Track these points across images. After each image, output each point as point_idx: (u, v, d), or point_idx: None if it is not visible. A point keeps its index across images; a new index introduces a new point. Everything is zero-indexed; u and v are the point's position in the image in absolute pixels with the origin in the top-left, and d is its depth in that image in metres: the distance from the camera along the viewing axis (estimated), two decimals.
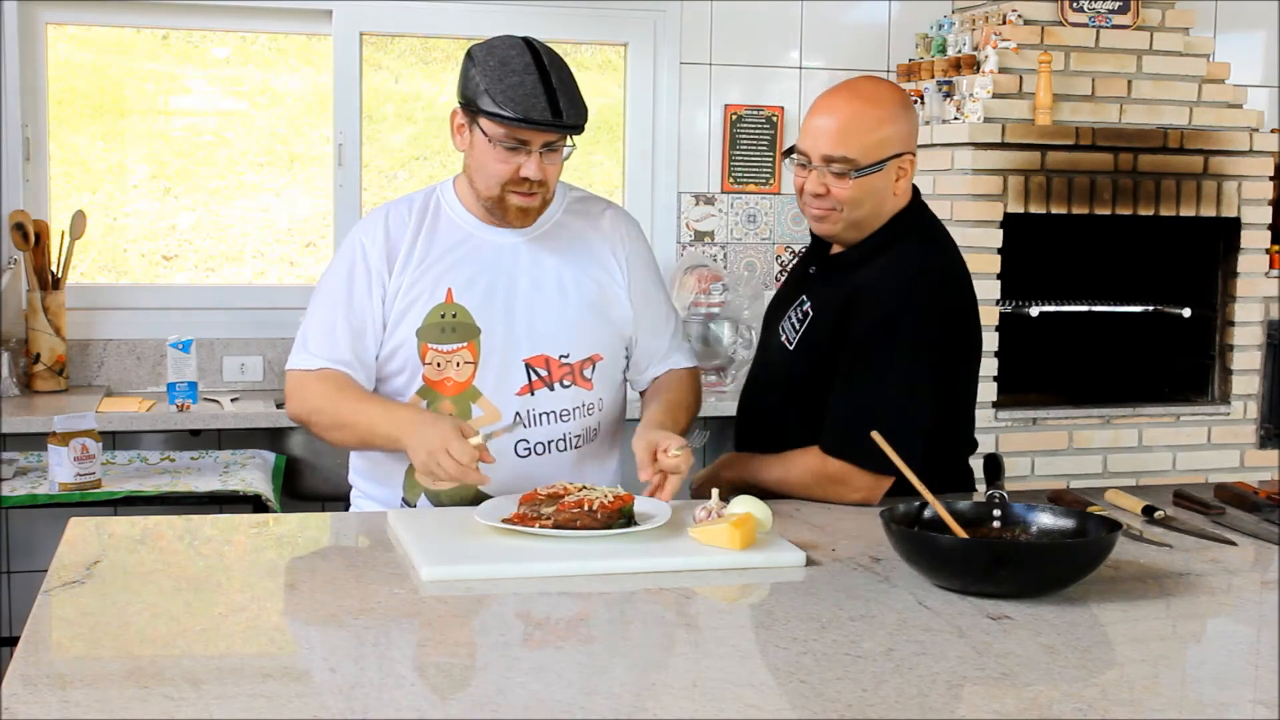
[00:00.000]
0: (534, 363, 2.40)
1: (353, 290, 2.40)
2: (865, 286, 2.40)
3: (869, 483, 2.36)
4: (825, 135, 2.41)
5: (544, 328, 2.40)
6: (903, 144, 2.43)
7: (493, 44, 2.37)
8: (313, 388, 2.39)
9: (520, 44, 2.35)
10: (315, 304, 2.45)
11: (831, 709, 1.46)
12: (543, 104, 2.26)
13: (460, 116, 2.37)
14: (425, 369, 2.38)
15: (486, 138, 2.30)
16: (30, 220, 3.94)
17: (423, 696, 1.49)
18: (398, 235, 2.41)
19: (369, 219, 2.47)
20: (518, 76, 2.28)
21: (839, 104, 2.44)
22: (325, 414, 2.38)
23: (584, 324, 2.43)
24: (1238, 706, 1.51)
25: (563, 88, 2.30)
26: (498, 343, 2.38)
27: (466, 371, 2.38)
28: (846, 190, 2.40)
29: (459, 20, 4.34)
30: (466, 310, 2.38)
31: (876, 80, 2.53)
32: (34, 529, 3.96)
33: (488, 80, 2.28)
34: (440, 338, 2.37)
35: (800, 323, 2.49)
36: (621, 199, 4.56)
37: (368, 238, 2.42)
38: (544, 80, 2.28)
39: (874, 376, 2.36)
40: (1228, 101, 4.35)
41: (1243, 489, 2.47)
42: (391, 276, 2.39)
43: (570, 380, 2.42)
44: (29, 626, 1.69)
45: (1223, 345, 4.40)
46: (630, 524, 2.10)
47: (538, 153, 2.31)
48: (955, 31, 4.46)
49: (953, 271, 2.49)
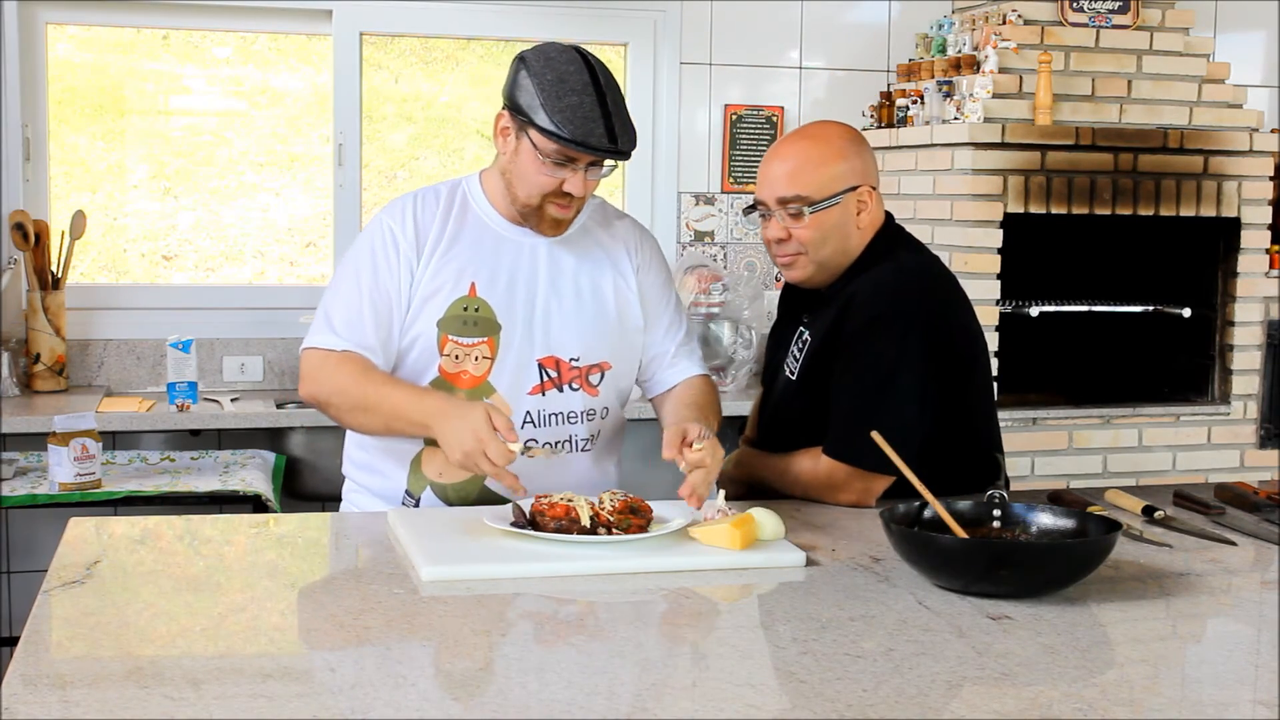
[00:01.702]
0: (546, 363, 2.41)
1: (379, 274, 2.38)
2: (852, 295, 2.41)
3: (861, 485, 2.36)
4: (777, 179, 2.44)
5: (558, 329, 2.41)
6: (858, 177, 2.44)
7: (549, 55, 2.33)
8: (335, 369, 2.36)
9: (577, 58, 2.32)
10: (339, 285, 2.42)
11: (831, 709, 1.46)
12: (600, 129, 2.26)
13: (508, 121, 2.35)
14: (443, 360, 2.38)
15: (535, 149, 2.30)
16: (30, 220, 3.95)
17: (423, 696, 1.49)
18: (425, 223, 2.41)
19: (395, 206, 2.45)
20: (576, 96, 2.26)
21: (787, 148, 2.48)
22: (349, 396, 2.35)
23: (597, 329, 2.44)
24: (1238, 706, 1.51)
25: (617, 111, 2.30)
26: (515, 341, 2.39)
27: (484, 366, 2.38)
28: (806, 230, 2.42)
29: (459, 20, 4.34)
30: (489, 305, 2.39)
31: (823, 122, 2.58)
32: (34, 529, 3.96)
33: (545, 95, 2.26)
34: (462, 330, 2.38)
35: (801, 352, 2.50)
36: (621, 199, 4.56)
37: (395, 223, 2.41)
38: (601, 102, 2.27)
39: (862, 377, 2.36)
40: (1228, 101, 4.35)
41: (1243, 489, 2.47)
42: (419, 262, 2.39)
43: (578, 384, 2.43)
44: (29, 626, 1.69)
45: (1223, 345, 4.40)
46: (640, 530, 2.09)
47: (583, 170, 2.31)
48: (955, 31, 4.46)
49: (935, 269, 2.51)
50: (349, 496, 2.55)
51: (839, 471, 2.36)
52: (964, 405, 2.45)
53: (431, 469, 2.41)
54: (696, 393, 2.51)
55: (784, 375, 2.55)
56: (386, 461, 2.45)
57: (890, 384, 2.34)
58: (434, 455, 2.39)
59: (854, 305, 2.39)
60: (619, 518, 2.07)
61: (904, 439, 2.17)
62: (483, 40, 4.40)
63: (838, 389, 2.39)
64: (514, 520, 2.09)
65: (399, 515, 2.22)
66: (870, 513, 2.30)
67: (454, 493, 2.40)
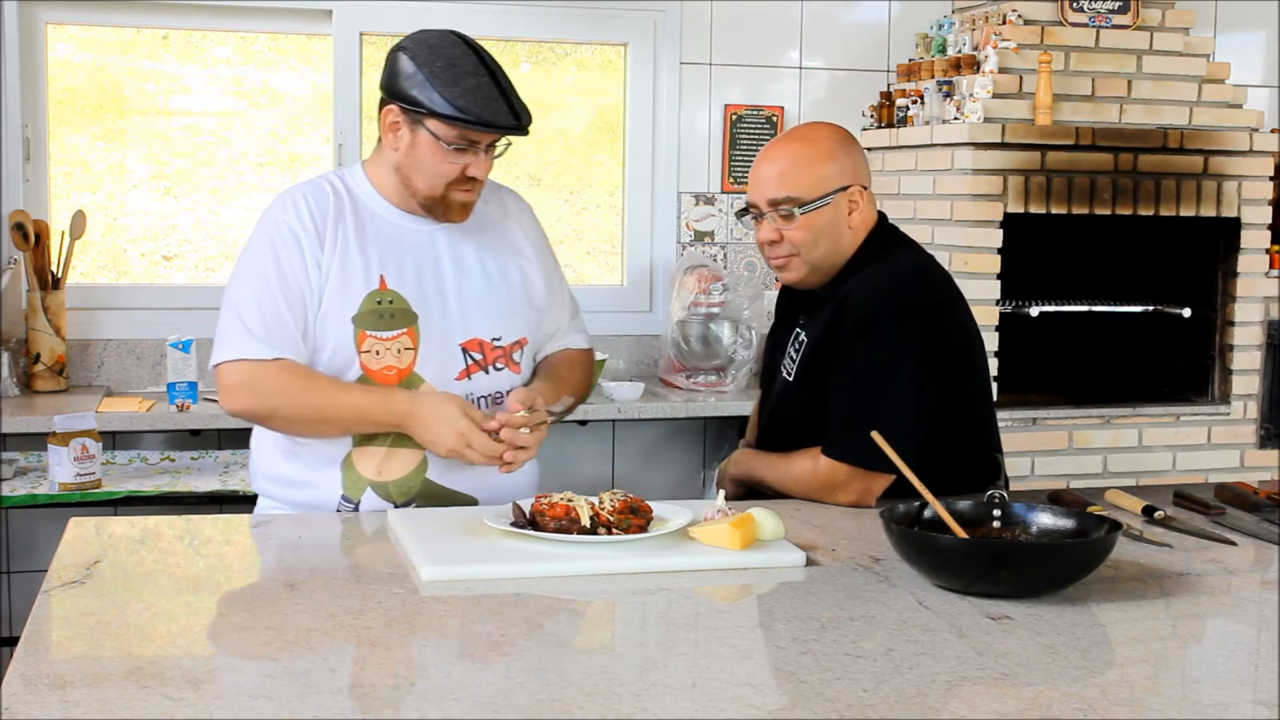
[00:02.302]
0: (469, 346, 2.39)
1: (285, 271, 2.31)
2: (847, 294, 2.42)
3: (861, 484, 2.36)
4: (767, 181, 2.46)
5: (475, 312, 2.40)
6: (848, 177, 2.45)
7: (430, 42, 2.31)
8: (274, 379, 2.29)
9: (459, 41, 2.32)
10: (245, 289, 2.33)
11: (831, 709, 1.46)
12: (503, 107, 2.27)
13: (397, 115, 2.32)
14: (363, 357, 2.33)
15: (436, 139, 2.28)
16: (30, 220, 3.94)
17: (423, 696, 1.49)
18: (320, 215, 2.35)
19: (284, 200, 2.37)
20: (472, 79, 2.26)
21: (776, 150, 2.50)
22: (293, 407, 2.29)
23: (511, 307, 2.45)
24: (1238, 706, 1.51)
25: (510, 89, 2.31)
26: (435, 328, 2.37)
27: (407, 358, 2.35)
28: (797, 231, 2.43)
29: (458, 20, 4.30)
30: (401, 296, 2.36)
31: (814, 124, 2.59)
32: (34, 529, 3.96)
33: (439, 83, 2.25)
34: (379, 324, 2.34)
35: (798, 353, 2.50)
36: (621, 199, 4.56)
37: (290, 217, 2.34)
38: (496, 81, 2.29)
39: (860, 377, 2.36)
40: (1228, 101, 4.35)
41: (1243, 489, 2.47)
42: (323, 254, 2.33)
43: (503, 364, 2.43)
44: (29, 626, 1.69)
45: (1223, 345, 4.40)
46: (640, 530, 2.09)
47: (483, 152, 2.31)
48: (955, 31, 4.46)
49: (929, 268, 2.51)
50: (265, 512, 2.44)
51: (839, 471, 2.36)
52: (962, 403, 2.45)
53: (368, 468, 2.36)
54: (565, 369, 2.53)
55: (781, 377, 2.55)
56: (315, 471, 2.37)
57: (887, 383, 2.34)
58: (367, 454, 2.35)
59: (849, 305, 2.40)
60: (619, 518, 2.07)
61: (902, 438, 2.17)
62: (483, 40, 4.39)
63: (835, 389, 2.39)
64: (514, 520, 2.09)
65: (399, 515, 2.22)
66: (870, 513, 2.30)
67: (396, 489, 2.37)
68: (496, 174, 2.46)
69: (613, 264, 4.61)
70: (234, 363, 2.32)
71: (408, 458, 2.36)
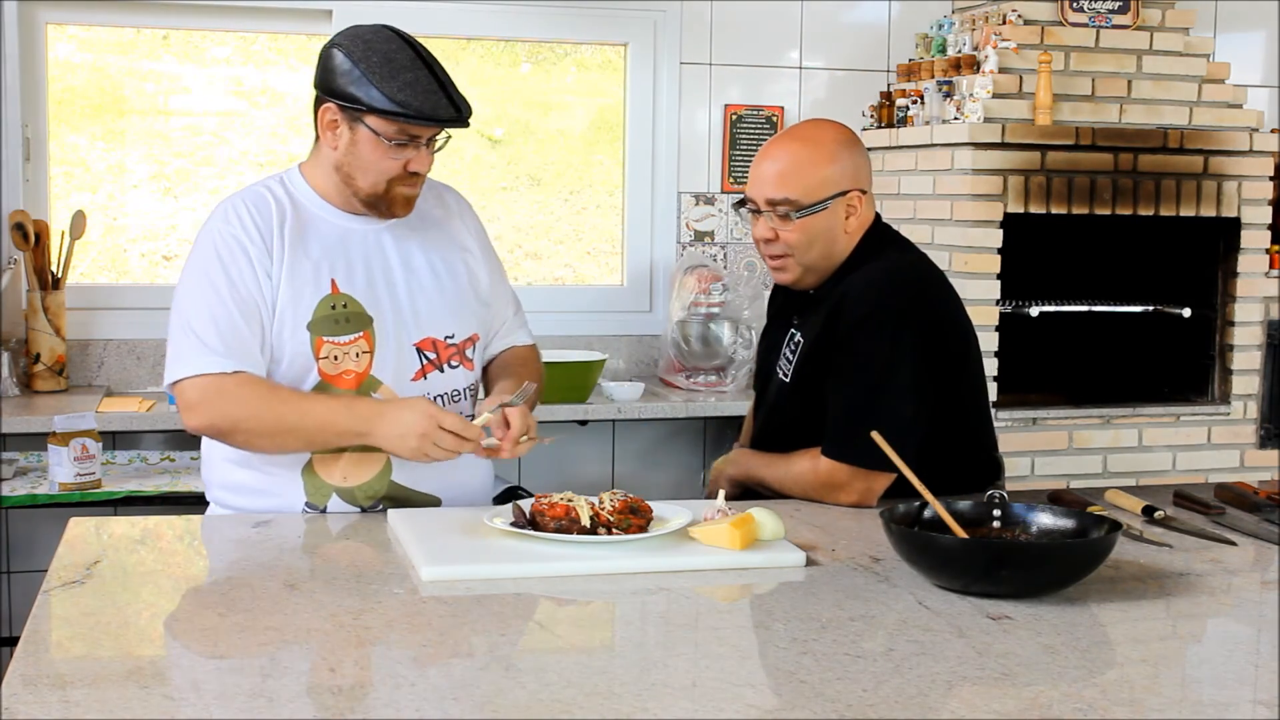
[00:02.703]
0: (423, 346, 2.39)
1: (236, 282, 2.28)
2: (843, 294, 2.42)
3: (862, 484, 2.36)
4: (767, 180, 2.44)
5: (427, 310, 2.40)
6: (848, 182, 2.45)
7: (365, 38, 2.29)
8: (235, 393, 2.25)
9: (395, 36, 2.30)
10: (196, 303, 2.29)
11: (831, 709, 1.46)
12: (443, 100, 2.25)
13: (335, 113, 2.29)
14: (321, 363, 2.32)
15: (376, 135, 2.27)
16: (30, 220, 3.94)
17: (423, 697, 1.49)
18: (265, 223, 2.32)
19: (225, 210, 2.34)
20: (410, 73, 2.25)
21: (778, 148, 2.48)
22: (260, 420, 2.24)
23: (461, 304, 2.44)
24: (1238, 706, 1.51)
25: (448, 81, 2.30)
26: (389, 329, 2.36)
27: (364, 361, 2.34)
28: (793, 233, 2.43)
29: (459, 20, 4.34)
30: (355, 300, 2.34)
31: (819, 122, 2.56)
32: (34, 529, 3.96)
33: (377, 77, 2.23)
34: (335, 329, 2.32)
35: (793, 354, 2.50)
36: (621, 199, 4.56)
37: (234, 227, 2.30)
38: (434, 75, 2.27)
39: (856, 377, 2.36)
40: (1228, 101, 4.35)
41: (1243, 489, 2.47)
42: (271, 263, 2.30)
43: (457, 361, 2.43)
44: (29, 626, 1.69)
45: (1223, 345, 4.40)
46: (640, 530, 2.09)
47: (424, 146, 2.30)
48: (955, 31, 4.46)
49: (925, 268, 2.52)
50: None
51: (839, 472, 2.36)
52: (958, 401, 2.45)
53: (333, 474, 2.35)
54: (525, 367, 2.53)
55: (777, 378, 2.55)
56: (274, 479, 2.35)
57: (885, 382, 2.34)
58: (329, 460, 2.34)
59: (845, 304, 2.40)
60: (619, 518, 2.07)
61: (902, 437, 2.17)
62: (483, 40, 4.39)
63: (833, 389, 2.39)
64: (514, 520, 2.09)
65: (399, 515, 2.22)
66: (870, 513, 2.30)
67: (362, 493, 2.36)
68: (496, 172, 2.46)
69: (613, 264, 4.61)
70: (193, 379, 2.27)
71: (371, 461, 2.35)
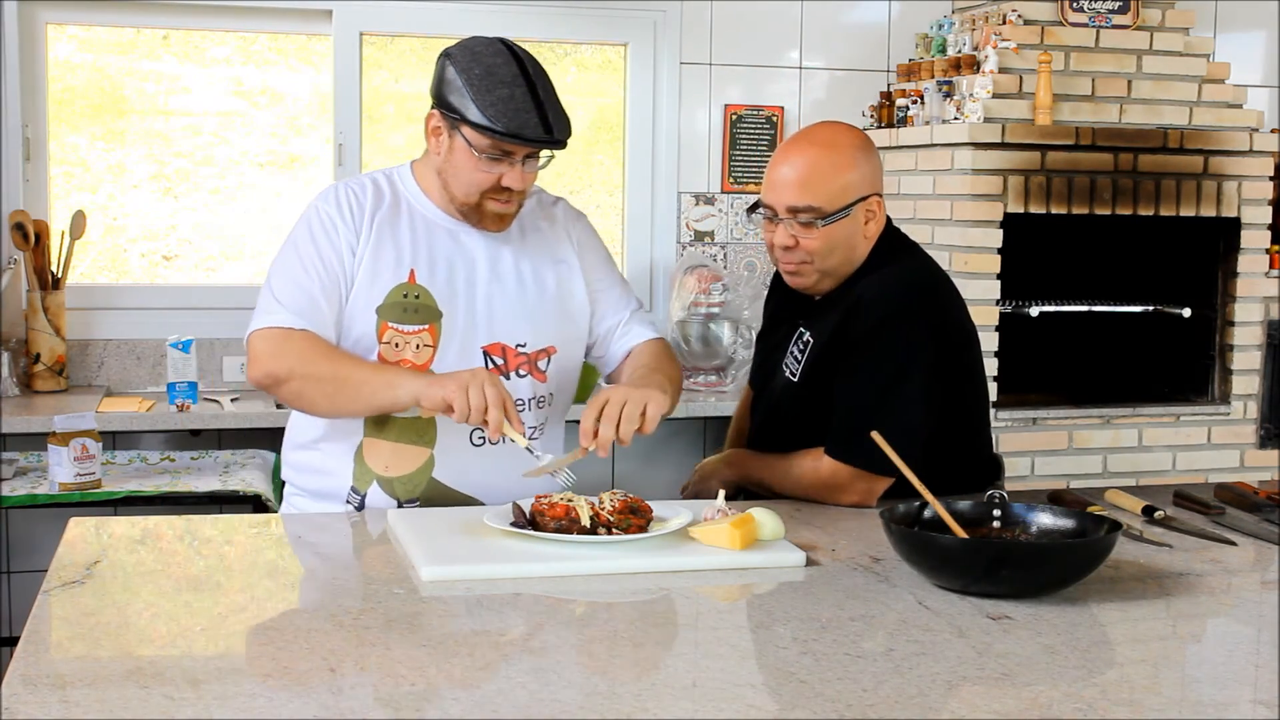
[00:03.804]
0: (491, 350, 2.39)
1: (322, 253, 2.34)
2: (859, 298, 2.40)
3: (864, 485, 2.36)
4: (788, 186, 2.40)
5: (502, 316, 2.40)
6: (868, 186, 2.43)
7: (474, 49, 2.32)
8: (300, 344, 2.30)
9: (503, 49, 2.31)
10: (281, 270, 2.37)
11: (831, 709, 1.46)
12: (534, 119, 2.25)
13: (439, 120, 2.34)
14: (382, 348, 2.35)
15: (470, 146, 2.29)
16: (30, 220, 3.94)
17: (423, 697, 1.49)
18: (359, 207, 2.38)
19: (327, 192, 2.42)
20: (507, 89, 2.26)
21: (798, 154, 2.43)
22: (319, 368, 2.28)
23: (541, 314, 2.43)
24: (1238, 706, 1.51)
25: (549, 100, 2.29)
26: (458, 328, 2.37)
27: (425, 355, 2.36)
28: (815, 240, 2.40)
29: (459, 20, 4.34)
30: (429, 293, 2.36)
31: (834, 125, 2.52)
32: (34, 529, 3.96)
33: (474, 90, 2.25)
34: (402, 317, 2.35)
35: (802, 353, 2.49)
36: (621, 199, 4.56)
37: (330, 207, 2.38)
38: (532, 93, 2.27)
39: (869, 379, 2.36)
40: (1228, 101, 4.35)
41: (1243, 489, 2.47)
42: (359, 242, 2.36)
43: (526, 370, 2.42)
44: (29, 626, 1.69)
45: (1223, 345, 4.40)
46: (640, 530, 2.09)
47: (520, 163, 2.30)
48: (955, 31, 4.46)
49: (935, 272, 2.52)
50: (289, 501, 2.51)
51: (842, 472, 2.36)
52: (961, 405, 2.45)
53: (377, 462, 2.39)
54: (646, 356, 2.49)
55: (783, 376, 2.54)
56: (329, 458, 2.41)
57: (897, 386, 2.34)
58: (376, 447, 2.38)
59: (861, 308, 2.38)
60: (619, 518, 2.07)
61: (909, 441, 2.17)
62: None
63: (843, 390, 2.38)
64: (514, 520, 2.09)
65: (399, 515, 2.22)
66: (870, 513, 2.30)
67: (401, 486, 2.38)
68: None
69: None
70: (261, 330, 2.34)
71: (414, 454, 2.37)
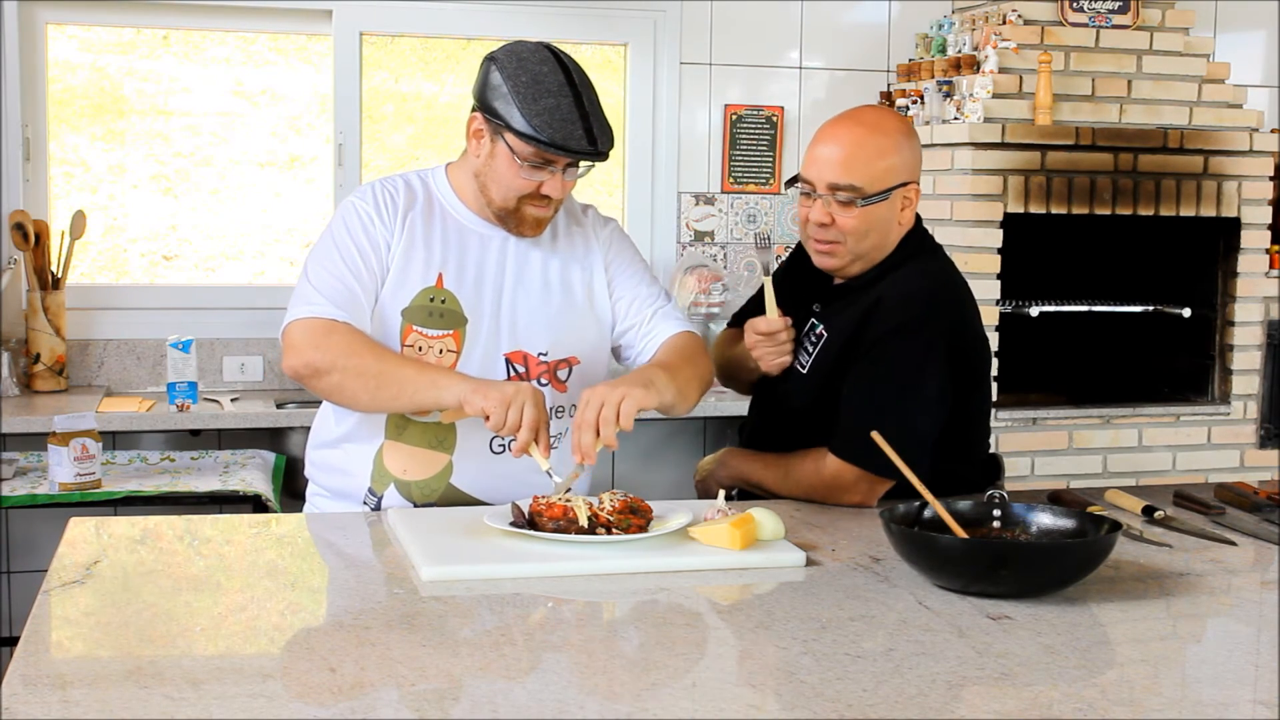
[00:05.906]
0: (513, 358, 2.39)
1: (360, 247, 2.35)
2: (883, 297, 2.38)
3: (867, 486, 2.35)
4: (831, 163, 2.37)
5: (526, 323, 2.39)
6: (908, 173, 2.41)
7: (520, 55, 2.30)
8: (339, 335, 2.27)
9: (550, 57, 2.29)
10: (318, 263, 2.36)
11: (831, 709, 1.46)
12: (579, 131, 2.24)
13: (481, 123, 2.33)
14: (404, 350, 2.34)
15: (512, 153, 2.28)
16: (30, 220, 3.95)
17: (422, 697, 1.49)
18: (393, 206, 2.39)
19: (363, 190, 2.44)
20: (553, 99, 2.24)
21: (843, 132, 2.40)
22: (359, 359, 2.25)
23: (565, 323, 2.42)
24: (1238, 706, 1.51)
25: (594, 111, 2.28)
26: (482, 335, 2.37)
27: (448, 360, 2.35)
28: (852, 220, 2.37)
29: (459, 20, 4.34)
30: (455, 298, 2.36)
31: (880, 109, 2.51)
32: (34, 529, 3.96)
33: (520, 98, 2.24)
34: (427, 321, 2.35)
35: (814, 345, 2.48)
36: (621, 199, 4.56)
37: (366, 204, 2.39)
38: (578, 103, 2.26)
39: (882, 383, 2.34)
40: (1228, 101, 4.35)
41: (1243, 489, 2.47)
42: (393, 239, 2.37)
43: (546, 379, 2.41)
44: (29, 626, 1.69)
45: (1223, 345, 4.40)
46: (640, 530, 2.09)
47: (560, 172, 2.30)
48: (955, 31, 4.46)
49: (956, 276, 2.50)
50: (312, 500, 2.53)
51: (847, 472, 2.35)
52: (966, 408, 2.45)
53: (395, 465, 2.38)
54: (663, 351, 2.44)
55: (791, 366, 2.52)
56: (350, 458, 2.41)
57: (910, 391, 2.33)
58: (396, 450, 2.38)
59: (881, 310, 2.37)
60: (619, 518, 2.07)
61: (917, 446, 2.17)
62: (483, 40, 4.39)
63: (854, 390, 2.37)
64: (513, 520, 2.09)
65: (399, 515, 2.22)
66: (870, 513, 2.30)
67: (419, 490, 2.38)
68: None
69: None
70: (302, 320, 2.31)
71: (433, 460, 2.37)
